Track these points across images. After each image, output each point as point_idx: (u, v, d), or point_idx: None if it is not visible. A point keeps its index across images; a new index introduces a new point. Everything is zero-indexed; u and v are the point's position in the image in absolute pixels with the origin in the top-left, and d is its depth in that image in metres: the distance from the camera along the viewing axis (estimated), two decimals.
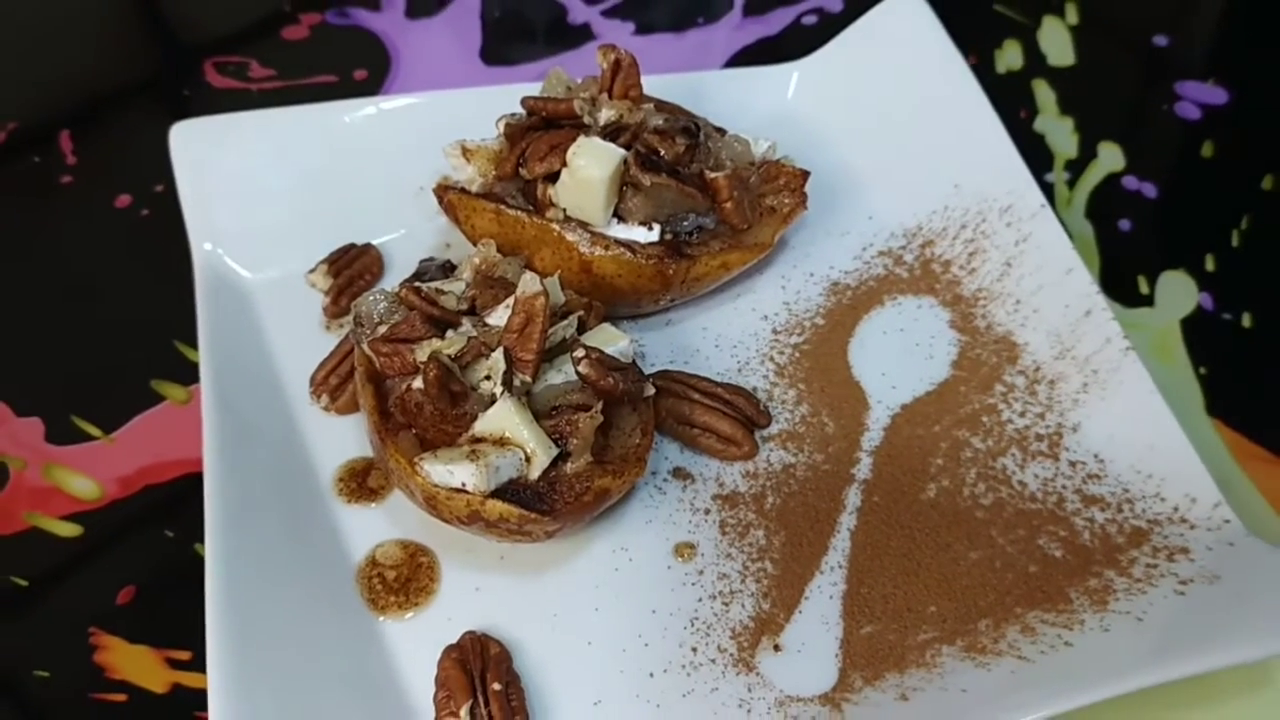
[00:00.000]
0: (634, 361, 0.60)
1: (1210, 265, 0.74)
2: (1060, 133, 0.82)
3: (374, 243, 0.71)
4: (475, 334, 0.57)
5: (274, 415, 0.63)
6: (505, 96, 0.69)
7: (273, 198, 0.70)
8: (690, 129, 0.65)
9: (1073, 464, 0.62)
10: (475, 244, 0.64)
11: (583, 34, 0.89)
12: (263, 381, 0.64)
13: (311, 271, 0.69)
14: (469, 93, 0.74)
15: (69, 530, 0.62)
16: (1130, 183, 0.79)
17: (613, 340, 0.59)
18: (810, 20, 0.90)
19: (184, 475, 0.64)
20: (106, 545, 0.61)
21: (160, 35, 0.92)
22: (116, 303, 0.72)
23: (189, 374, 0.67)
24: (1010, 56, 0.88)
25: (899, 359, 0.67)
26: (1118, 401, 0.63)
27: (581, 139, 0.62)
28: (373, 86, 0.84)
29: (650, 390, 0.59)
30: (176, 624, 0.58)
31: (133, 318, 0.71)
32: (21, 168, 0.79)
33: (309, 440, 0.63)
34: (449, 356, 0.55)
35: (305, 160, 0.71)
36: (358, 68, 0.86)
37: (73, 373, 0.68)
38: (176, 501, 0.63)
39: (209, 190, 0.69)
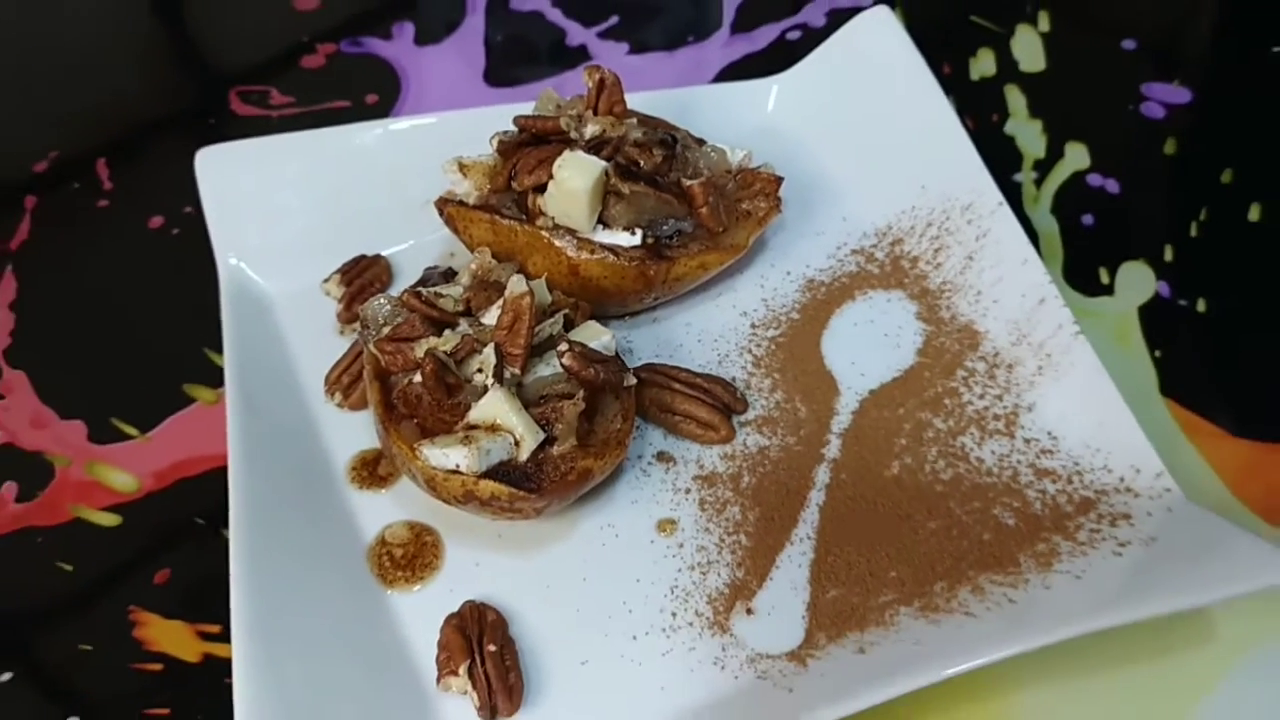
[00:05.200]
0: (616, 354, 0.65)
1: (1169, 255, 0.78)
2: (1029, 134, 0.87)
3: (383, 254, 0.77)
4: (470, 332, 0.62)
5: (292, 412, 0.69)
6: (500, 116, 0.75)
7: (290, 214, 0.77)
8: (667, 141, 0.70)
9: (1027, 440, 0.67)
10: (473, 252, 0.70)
11: (580, 55, 0.95)
12: (282, 382, 0.70)
13: (326, 281, 0.75)
14: (467, 113, 0.80)
15: (109, 520, 0.68)
16: (1094, 179, 0.84)
17: (596, 335, 0.64)
18: (794, 35, 0.96)
19: (214, 469, 0.70)
20: (143, 533, 0.67)
21: (188, 67, 0.99)
22: (151, 314, 0.78)
23: (217, 378, 0.74)
24: (984, 64, 0.92)
25: (868, 348, 0.71)
26: (1069, 381, 0.67)
27: (566, 153, 0.68)
28: (383, 109, 0.91)
29: (631, 380, 0.65)
30: (207, 601, 0.64)
31: (165, 327, 0.77)
32: (63, 193, 0.86)
33: (324, 434, 0.69)
34: (445, 352, 0.60)
35: (320, 179, 0.77)
36: (370, 93, 0.92)
37: (112, 379, 0.75)
38: (207, 492, 0.68)
39: (232, 209, 0.76)
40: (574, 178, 0.67)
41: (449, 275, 0.71)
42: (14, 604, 0.65)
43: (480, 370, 0.61)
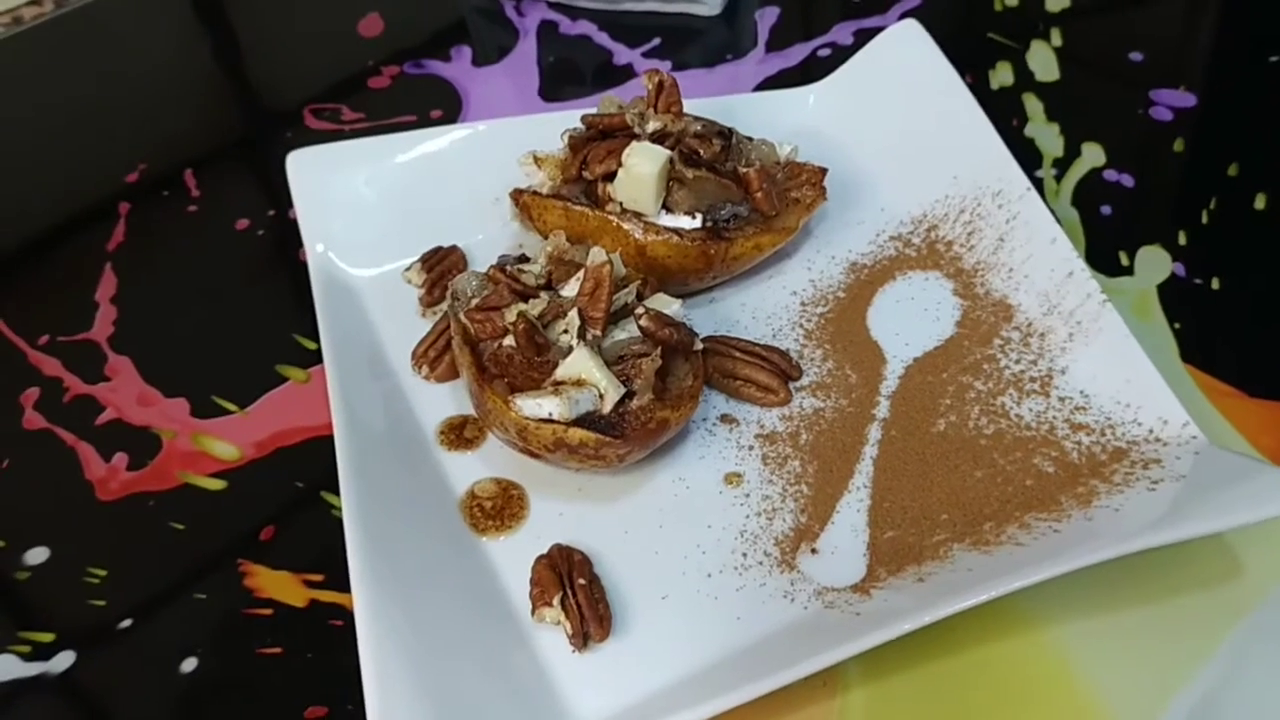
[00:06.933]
0: (684, 320, 0.71)
1: (1182, 240, 0.85)
2: (1048, 136, 0.94)
3: (459, 245, 0.83)
4: (553, 300, 0.68)
5: (385, 384, 0.75)
6: (564, 120, 0.82)
7: (371, 209, 0.83)
8: (724, 132, 0.77)
9: (1062, 399, 0.72)
10: (547, 238, 0.76)
11: (626, 73, 1.02)
12: (373, 358, 0.76)
13: (407, 269, 0.81)
14: (530, 118, 0.87)
15: (215, 485, 0.74)
16: (1110, 175, 0.90)
17: (667, 304, 0.70)
18: (824, 53, 1.03)
19: (308, 439, 0.75)
20: (247, 495, 0.73)
21: (264, 92, 1.06)
22: (244, 304, 0.84)
23: (307, 359, 0.80)
24: (1003, 75, 1.00)
25: (910, 321, 0.78)
26: (1098, 346, 0.73)
27: (634, 143, 0.74)
28: (447, 123, 0.97)
29: (699, 344, 0.70)
30: (310, 553, 0.69)
31: (257, 315, 0.83)
32: (154, 200, 0.93)
33: (414, 403, 0.74)
34: (534, 315, 0.67)
35: (399, 178, 0.84)
36: (433, 109, 0.99)
37: (211, 362, 0.81)
38: (303, 459, 0.74)
39: (320, 205, 0.82)
40: (642, 164, 0.73)
41: (522, 260, 0.77)
42: (131, 559, 0.70)
43: (565, 332, 0.67)
